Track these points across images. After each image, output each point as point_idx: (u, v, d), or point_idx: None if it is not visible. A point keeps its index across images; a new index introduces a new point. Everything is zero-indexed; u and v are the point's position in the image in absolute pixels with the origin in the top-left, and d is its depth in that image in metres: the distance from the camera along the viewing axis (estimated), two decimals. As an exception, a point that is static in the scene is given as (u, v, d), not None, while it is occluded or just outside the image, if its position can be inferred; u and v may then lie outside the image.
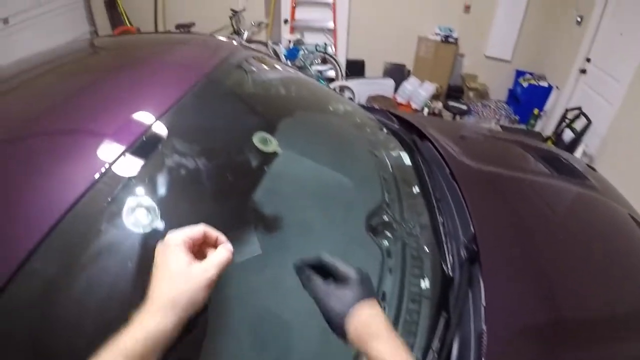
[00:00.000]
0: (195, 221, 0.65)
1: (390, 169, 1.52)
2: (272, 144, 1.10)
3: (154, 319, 0.55)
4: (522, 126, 5.36)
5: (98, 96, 1.04)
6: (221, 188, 1.05)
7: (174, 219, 0.83)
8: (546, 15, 5.21)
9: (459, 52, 5.67)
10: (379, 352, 0.61)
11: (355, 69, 5.85)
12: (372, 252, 1.17)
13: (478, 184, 1.58)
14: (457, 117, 5.09)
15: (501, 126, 5.39)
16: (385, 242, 1.21)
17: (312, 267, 0.72)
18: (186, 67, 1.30)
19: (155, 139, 0.94)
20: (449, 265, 1.22)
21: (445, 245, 1.28)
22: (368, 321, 0.65)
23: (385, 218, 1.29)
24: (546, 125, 5.13)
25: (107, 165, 0.80)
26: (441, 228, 1.33)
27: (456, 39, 5.49)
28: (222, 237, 0.67)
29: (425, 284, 1.15)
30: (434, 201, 1.41)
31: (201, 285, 0.59)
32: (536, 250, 1.35)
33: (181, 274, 0.59)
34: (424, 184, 1.49)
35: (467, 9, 5.46)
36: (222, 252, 0.64)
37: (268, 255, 0.98)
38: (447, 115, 5.23)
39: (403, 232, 1.26)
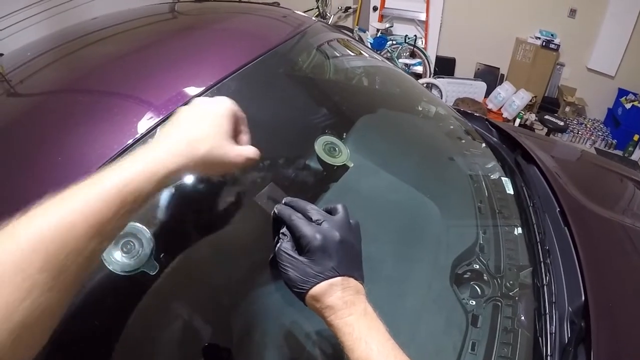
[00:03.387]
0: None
1: (487, 198, 1.19)
2: (341, 155, 0.81)
3: (158, 149, 0.51)
4: (619, 152, 4.77)
5: (146, 59, 0.92)
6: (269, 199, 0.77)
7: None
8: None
9: (559, 60, 5.09)
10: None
11: (445, 66, 5.40)
12: (454, 315, 0.87)
13: (596, 235, 1.22)
14: (552, 134, 4.57)
15: (596, 149, 4.83)
16: (472, 303, 0.90)
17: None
18: (248, 38, 1.05)
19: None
20: (548, 347, 0.89)
21: (545, 317, 0.95)
22: (322, 297, 0.57)
23: (477, 267, 0.97)
24: (645, 155, 4.55)
25: (138, 134, 0.68)
26: (545, 291, 1.00)
27: (558, 46, 4.91)
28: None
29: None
30: (540, 252, 1.07)
31: (228, 154, 0.56)
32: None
33: (217, 133, 0.56)
34: (528, 224, 1.16)
35: (572, 12, 4.83)
36: (252, 150, 0.60)
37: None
38: (539, 129, 4.71)
39: (497, 292, 0.94)
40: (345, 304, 0.57)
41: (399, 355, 0.55)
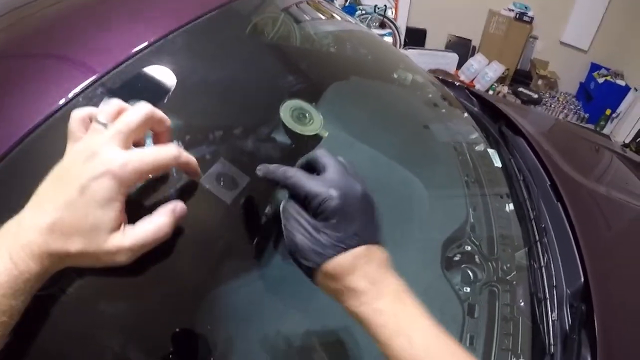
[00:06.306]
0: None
1: (474, 171, 1.08)
2: (312, 122, 0.67)
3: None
4: (590, 126, 4.80)
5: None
6: (222, 180, 0.62)
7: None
8: (633, 6, 4.50)
9: (532, 33, 5.05)
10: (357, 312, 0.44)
11: (416, 38, 5.30)
12: (448, 305, 0.76)
13: (591, 210, 1.13)
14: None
15: (568, 123, 4.85)
16: (467, 290, 0.80)
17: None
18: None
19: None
20: (550, 335, 0.80)
21: (546, 302, 0.85)
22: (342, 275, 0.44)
23: (468, 248, 0.86)
24: (617, 129, 4.60)
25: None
26: (544, 273, 0.90)
27: (531, 18, 4.88)
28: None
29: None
30: (536, 230, 0.97)
31: (105, 252, 0.38)
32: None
33: (93, 226, 0.38)
34: (519, 199, 1.05)
35: (547, -16, 4.82)
36: (159, 222, 0.42)
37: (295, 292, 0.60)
38: (512, 102, 4.68)
39: (492, 276, 0.84)
40: (373, 283, 0.44)
41: (451, 347, 0.43)
